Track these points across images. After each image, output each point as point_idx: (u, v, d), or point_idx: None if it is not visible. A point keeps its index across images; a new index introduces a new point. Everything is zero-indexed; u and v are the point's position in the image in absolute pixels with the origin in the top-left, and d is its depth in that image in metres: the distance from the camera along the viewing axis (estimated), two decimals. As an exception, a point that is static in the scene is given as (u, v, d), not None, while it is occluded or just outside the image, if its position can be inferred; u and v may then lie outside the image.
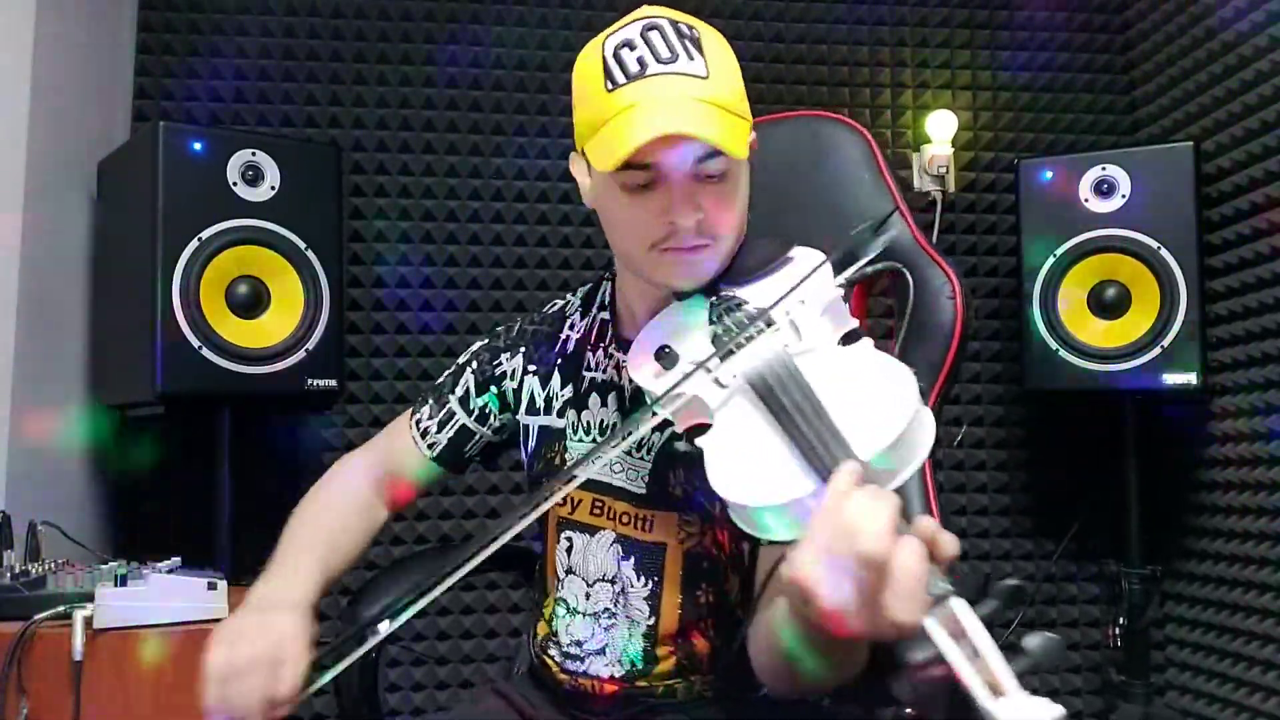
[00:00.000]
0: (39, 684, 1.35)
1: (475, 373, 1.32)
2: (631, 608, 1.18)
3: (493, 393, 1.31)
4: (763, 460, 0.90)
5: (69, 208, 2.06)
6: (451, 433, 1.31)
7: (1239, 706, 2.18)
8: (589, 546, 1.21)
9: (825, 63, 2.60)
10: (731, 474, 0.91)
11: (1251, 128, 2.16)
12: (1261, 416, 2.14)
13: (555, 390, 1.27)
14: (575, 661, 1.21)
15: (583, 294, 1.35)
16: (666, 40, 1.08)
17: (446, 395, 1.33)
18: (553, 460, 1.25)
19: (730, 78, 1.08)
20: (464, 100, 2.47)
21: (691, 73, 1.05)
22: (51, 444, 1.98)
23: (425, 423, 1.32)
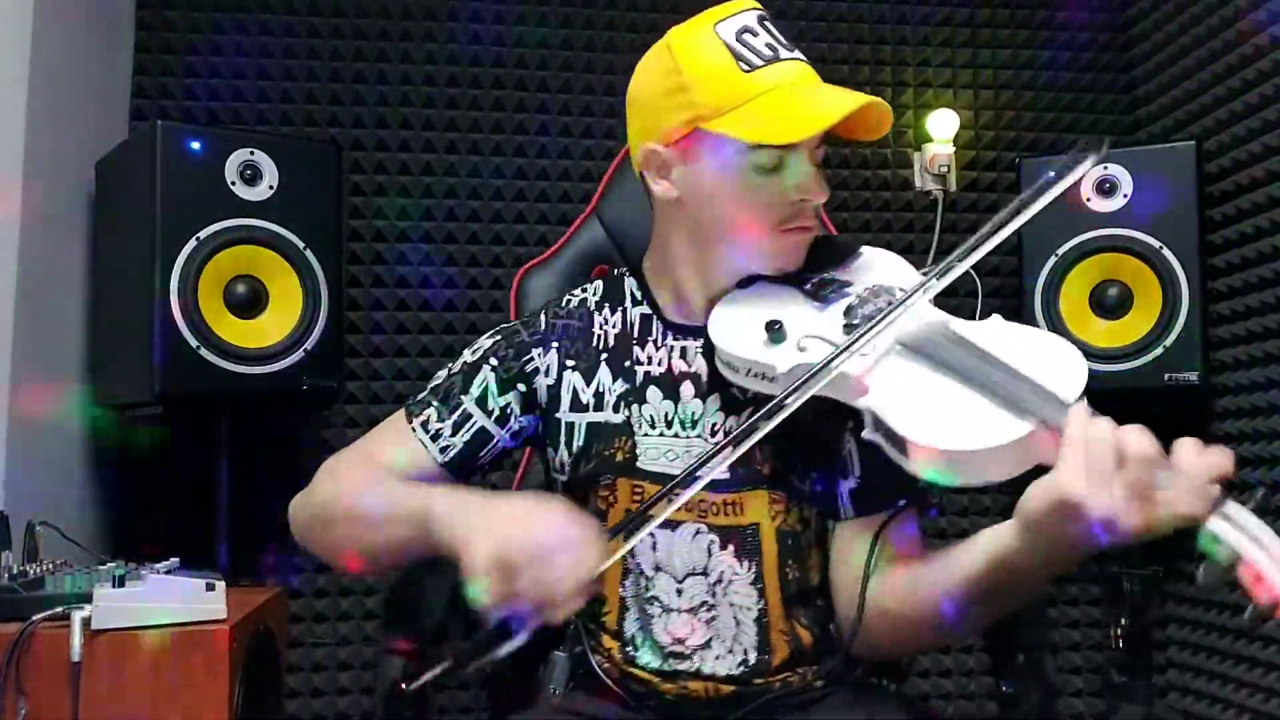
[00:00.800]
0: (37, 685, 1.34)
1: (497, 370, 1.25)
2: (737, 595, 1.17)
3: (518, 391, 1.25)
4: (964, 410, 0.98)
5: (67, 207, 2.05)
6: (468, 435, 1.23)
7: (1240, 707, 2.17)
8: (673, 541, 1.18)
9: (826, 61, 2.60)
10: (942, 426, 0.98)
11: (1254, 126, 2.16)
12: (1264, 416, 2.13)
13: (606, 385, 1.23)
14: (683, 661, 1.17)
15: (599, 289, 1.32)
16: (771, 33, 1.16)
17: (458, 396, 1.25)
18: (613, 457, 1.20)
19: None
20: (464, 99, 2.46)
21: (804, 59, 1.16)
22: (49, 444, 1.97)
23: (434, 425, 1.24)
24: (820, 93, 1.14)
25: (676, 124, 1.15)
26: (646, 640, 1.19)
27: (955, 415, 0.98)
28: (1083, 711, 2.51)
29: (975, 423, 0.96)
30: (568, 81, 2.50)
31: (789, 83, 1.13)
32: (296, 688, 2.31)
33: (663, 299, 1.26)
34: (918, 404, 1.01)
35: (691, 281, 1.22)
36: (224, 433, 2.01)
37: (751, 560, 1.18)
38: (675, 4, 2.53)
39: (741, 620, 1.17)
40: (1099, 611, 2.53)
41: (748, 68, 1.12)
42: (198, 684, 1.38)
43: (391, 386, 2.40)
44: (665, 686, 1.17)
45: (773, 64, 1.13)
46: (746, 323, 1.13)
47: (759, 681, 1.16)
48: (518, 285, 1.65)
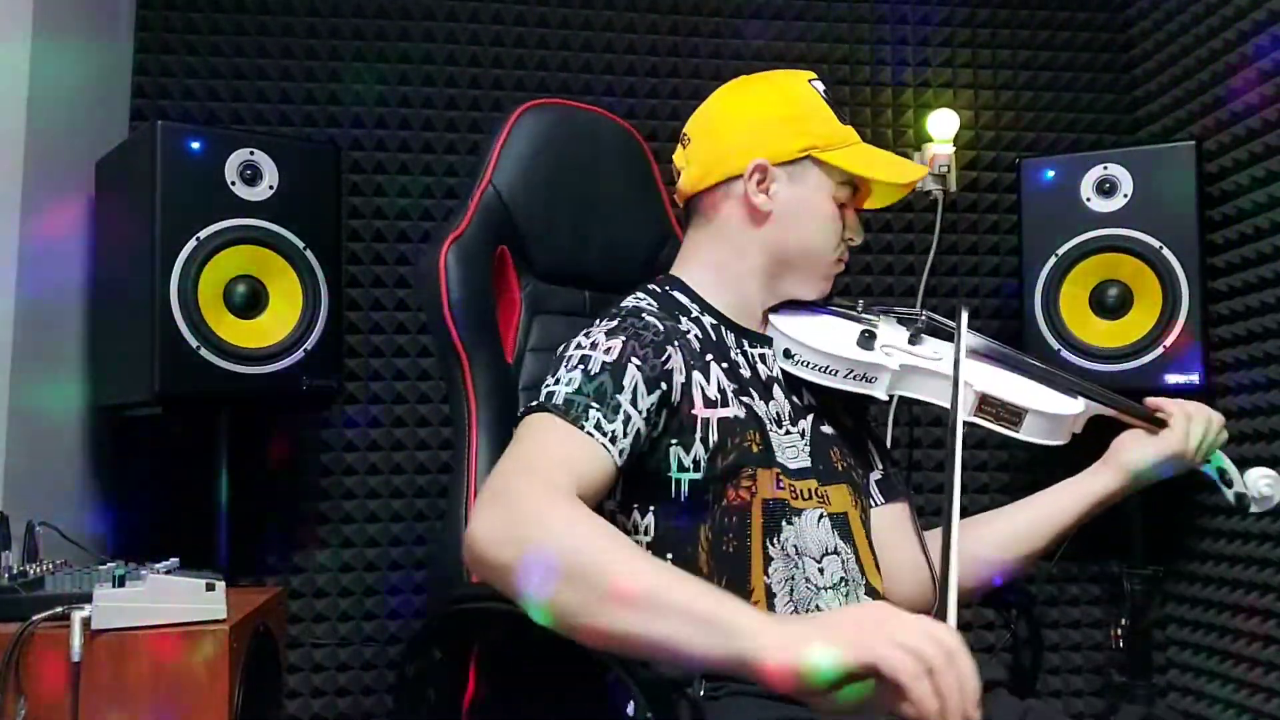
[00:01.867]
0: (37, 685, 1.34)
1: (642, 369, 1.21)
2: (852, 572, 1.29)
3: (661, 390, 1.21)
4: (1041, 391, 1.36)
5: (67, 207, 2.05)
6: (631, 435, 1.16)
7: (1241, 707, 2.17)
8: (802, 527, 1.26)
9: (826, 61, 2.60)
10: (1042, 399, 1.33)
11: (1253, 126, 2.16)
12: (1264, 416, 2.14)
13: (723, 384, 1.28)
14: None
15: (653, 304, 1.32)
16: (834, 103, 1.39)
17: (613, 396, 1.17)
18: (750, 449, 1.25)
19: None
20: (463, 100, 2.46)
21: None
22: (50, 444, 1.97)
23: (607, 426, 1.15)
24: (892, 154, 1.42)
25: (791, 146, 1.33)
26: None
27: (1040, 393, 1.34)
28: (1082, 711, 2.51)
29: (1054, 398, 1.35)
30: (566, 82, 2.50)
31: (863, 141, 1.38)
32: (296, 688, 2.31)
33: (726, 309, 1.37)
34: (1014, 386, 1.33)
35: (759, 295, 1.37)
36: (224, 433, 2.01)
37: (849, 543, 1.30)
38: (674, 4, 2.54)
39: (863, 596, 1.29)
40: (1099, 611, 2.53)
41: (843, 119, 1.37)
42: (198, 684, 1.38)
43: (391, 386, 2.40)
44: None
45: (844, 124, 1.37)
46: (833, 333, 1.34)
47: None
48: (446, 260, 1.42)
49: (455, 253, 1.42)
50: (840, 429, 1.39)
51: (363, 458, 2.37)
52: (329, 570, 2.36)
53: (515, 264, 1.51)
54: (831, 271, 1.38)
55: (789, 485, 1.27)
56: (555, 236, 1.53)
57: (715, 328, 1.34)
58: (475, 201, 1.50)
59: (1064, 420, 1.34)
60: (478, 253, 1.44)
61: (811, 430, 1.34)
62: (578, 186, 1.56)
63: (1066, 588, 2.55)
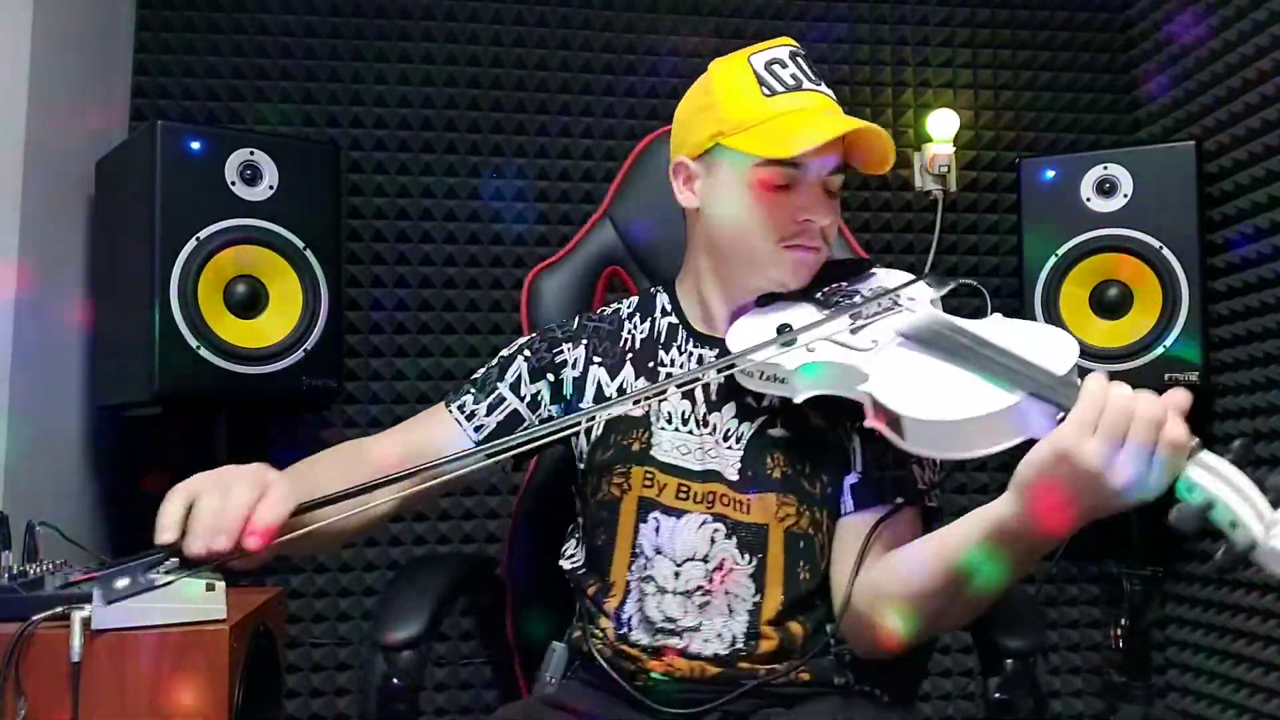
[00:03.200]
0: (37, 685, 1.34)
1: (528, 359, 1.37)
2: (735, 584, 1.22)
3: (548, 380, 1.35)
4: (957, 386, 1.05)
5: (66, 207, 2.05)
6: (501, 417, 1.33)
7: (1240, 708, 2.17)
8: (675, 528, 1.24)
9: (826, 62, 2.60)
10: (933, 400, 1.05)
11: (1253, 127, 2.16)
12: (1264, 416, 2.13)
13: (628, 381, 1.32)
14: (671, 638, 1.21)
15: (634, 303, 1.42)
16: (811, 67, 1.27)
17: (494, 383, 1.35)
18: (629, 447, 1.28)
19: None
20: (463, 100, 2.46)
21: (828, 94, 1.26)
22: (49, 444, 1.97)
23: (470, 406, 1.33)
24: (826, 116, 1.23)
25: (702, 138, 1.27)
26: (640, 619, 1.24)
27: (948, 391, 1.05)
28: (1082, 711, 2.51)
29: (966, 396, 1.03)
30: (567, 82, 2.50)
31: (803, 109, 1.22)
32: (296, 688, 2.31)
33: (690, 312, 1.36)
34: (913, 384, 1.08)
35: (714, 294, 1.33)
36: (224, 433, 2.01)
37: (755, 555, 1.23)
38: (674, 5, 2.54)
39: (735, 609, 1.22)
40: (1099, 611, 2.53)
41: (769, 92, 1.23)
42: (198, 684, 1.38)
43: (391, 386, 2.40)
44: (652, 664, 1.22)
45: (793, 92, 1.23)
46: (759, 330, 1.22)
47: (744, 666, 1.20)
48: (529, 288, 1.67)
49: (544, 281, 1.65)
50: (805, 433, 1.25)
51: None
52: (328, 570, 2.36)
53: (633, 278, 1.67)
54: (783, 258, 1.24)
55: (661, 484, 1.26)
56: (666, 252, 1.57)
57: (673, 328, 1.36)
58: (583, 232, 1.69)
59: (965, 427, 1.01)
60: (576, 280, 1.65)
61: (754, 435, 1.26)
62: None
63: (1066, 588, 2.55)
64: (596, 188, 2.47)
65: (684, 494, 1.26)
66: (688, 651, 1.21)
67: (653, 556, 1.25)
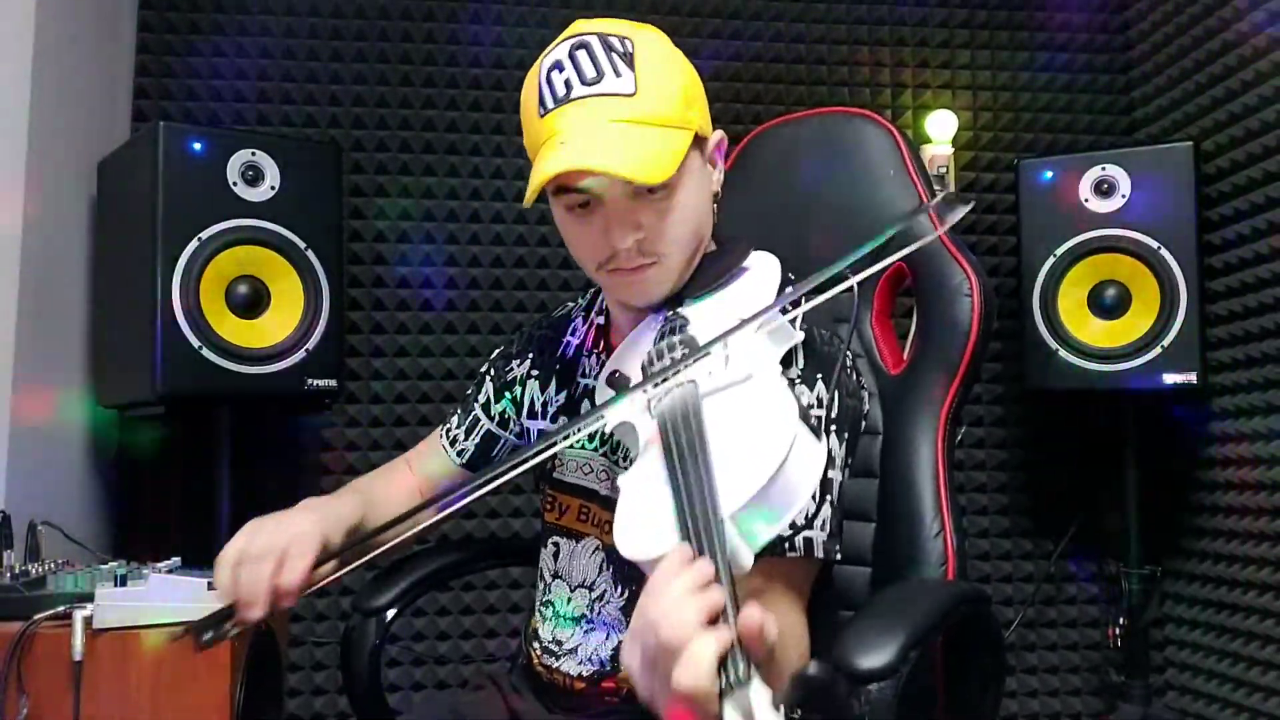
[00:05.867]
0: (39, 684, 1.35)
1: (493, 379, 1.36)
2: (610, 615, 1.18)
3: (508, 398, 1.34)
4: (649, 508, 0.85)
5: (69, 207, 2.05)
6: (478, 439, 1.35)
7: (1239, 707, 2.18)
8: (574, 552, 1.22)
9: (825, 62, 2.60)
10: (621, 518, 0.88)
11: (1251, 128, 2.16)
12: (1262, 416, 2.14)
13: (551, 395, 1.29)
14: (550, 657, 1.23)
15: (587, 296, 1.36)
16: (594, 59, 1.07)
17: (471, 403, 1.36)
18: (546, 464, 1.24)
19: (665, 88, 1.06)
20: (464, 100, 2.47)
21: (616, 91, 1.05)
22: (51, 444, 1.98)
23: (454, 431, 1.36)
24: (566, 145, 1.04)
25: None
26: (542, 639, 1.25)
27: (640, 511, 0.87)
28: (1081, 711, 2.51)
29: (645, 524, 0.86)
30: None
31: (562, 129, 1.06)
32: (298, 686, 2.31)
33: (614, 312, 1.26)
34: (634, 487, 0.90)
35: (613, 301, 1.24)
36: (225, 432, 2.02)
37: (628, 587, 1.17)
38: (674, 5, 2.54)
39: (610, 638, 1.19)
40: (1097, 611, 2.54)
41: (542, 111, 1.09)
42: (199, 683, 1.39)
43: (392, 386, 2.41)
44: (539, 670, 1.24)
45: (561, 106, 1.07)
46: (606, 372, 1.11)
47: (607, 685, 1.19)
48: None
49: None
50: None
51: (364, 457, 2.37)
52: (330, 569, 2.36)
53: None
54: (609, 281, 1.13)
55: (564, 506, 1.23)
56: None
57: (600, 329, 1.28)
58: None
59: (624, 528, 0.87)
60: None
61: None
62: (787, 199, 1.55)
63: (1065, 587, 2.55)
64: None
65: (584, 516, 1.21)
66: (560, 669, 1.21)
67: (551, 581, 1.25)
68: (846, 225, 1.49)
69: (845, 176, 1.50)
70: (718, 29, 2.57)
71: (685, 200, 1.08)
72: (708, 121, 1.13)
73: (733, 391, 0.92)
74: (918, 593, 1.21)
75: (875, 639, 0.98)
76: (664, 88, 1.06)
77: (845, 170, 1.50)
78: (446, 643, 2.38)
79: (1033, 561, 2.55)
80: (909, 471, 1.34)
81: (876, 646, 0.96)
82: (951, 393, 1.34)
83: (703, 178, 1.12)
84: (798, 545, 1.02)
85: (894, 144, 1.47)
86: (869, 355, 1.44)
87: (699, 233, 1.12)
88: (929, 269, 1.41)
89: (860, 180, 1.49)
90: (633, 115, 1.04)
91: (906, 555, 1.30)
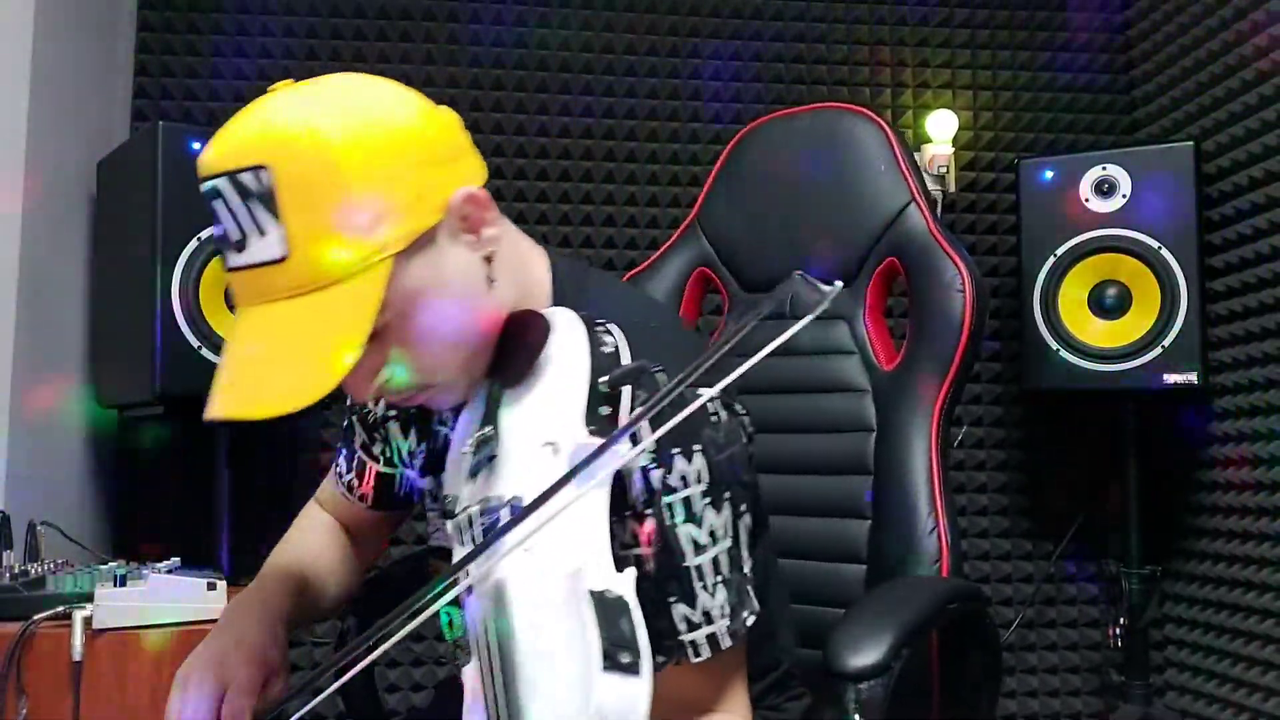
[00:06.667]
0: (38, 684, 1.35)
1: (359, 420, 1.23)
2: None
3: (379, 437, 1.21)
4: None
5: (68, 207, 2.05)
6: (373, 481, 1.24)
7: (1239, 707, 2.18)
8: None
9: (825, 62, 2.60)
10: None
11: (1252, 127, 2.16)
12: (1262, 416, 2.14)
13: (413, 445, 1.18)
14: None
15: None
16: (232, 213, 0.82)
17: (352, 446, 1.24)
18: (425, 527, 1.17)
19: (325, 227, 0.80)
20: (463, 100, 2.47)
21: (264, 259, 0.82)
22: (51, 444, 1.97)
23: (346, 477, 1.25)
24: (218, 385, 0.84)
25: None
26: None
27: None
28: (1081, 710, 2.51)
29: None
30: (567, 83, 2.50)
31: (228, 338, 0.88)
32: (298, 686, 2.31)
33: None
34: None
35: None
36: (225, 433, 2.02)
37: None
38: (673, 5, 2.54)
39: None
40: (1097, 611, 2.54)
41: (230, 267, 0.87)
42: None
43: (392, 386, 2.40)
44: None
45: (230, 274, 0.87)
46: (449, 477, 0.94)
47: None
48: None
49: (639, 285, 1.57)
50: None
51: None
52: (329, 569, 2.36)
53: (721, 279, 1.59)
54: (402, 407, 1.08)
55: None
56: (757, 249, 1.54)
57: None
58: (676, 236, 1.62)
59: None
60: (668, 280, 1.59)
61: None
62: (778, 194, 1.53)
63: (1065, 587, 2.55)
64: (596, 189, 2.49)
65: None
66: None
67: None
68: (837, 221, 1.49)
69: (836, 172, 1.49)
70: (718, 29, 2.57)
71: (424, 323, 0.87)
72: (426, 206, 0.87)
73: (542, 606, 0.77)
74: (908, 590, 1.21)
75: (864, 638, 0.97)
76: (322, 225, 0.80)
77: (836, 166, 1.50)
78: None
79: (1033, 562, 2.55)
80: (902, 468, 1.33)
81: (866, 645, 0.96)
82: (944, 388, 1.33)
83: (445, 271, 0.88)
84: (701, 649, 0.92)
85: (885, 139, 1.47)
86: (862, 352, 1.43)
87: (463, 332, 0.90)
88: (921, 265, 1.40)
89: (851, 176, 1.48)
90: (288, 287, 0.81)
91: (901, 552, 1.29)
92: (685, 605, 0.91)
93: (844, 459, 1.35)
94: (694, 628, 0.92)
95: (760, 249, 1.52)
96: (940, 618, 1.15)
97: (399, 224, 0.83)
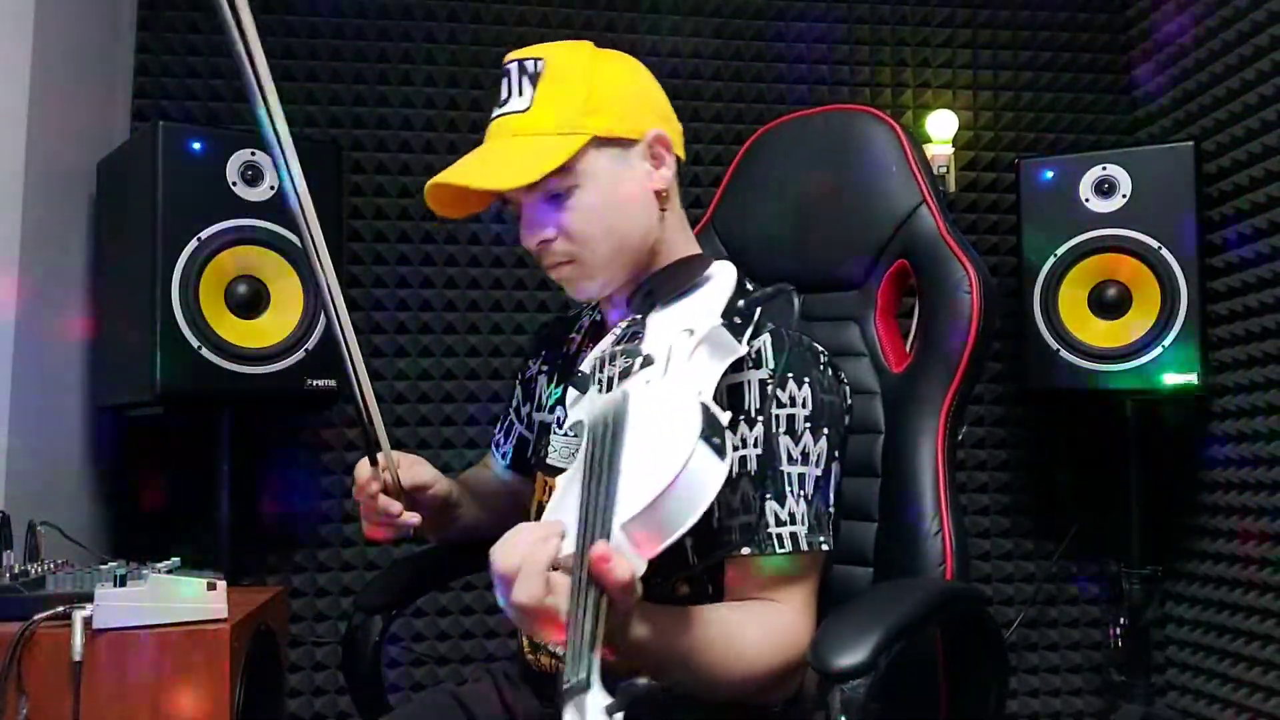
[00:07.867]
0: (38, 684, 1.35)
1: (520, 382, 1.42)
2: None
3: (530, 394, 1.39)
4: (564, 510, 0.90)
5: (68, 207, 2.05)
6: (514, 440, 1.41)
7: (1239, 706, 2.18)
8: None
9: (826, 62, 2.60)
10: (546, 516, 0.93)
11: (1252, 127, 2.16)
12: (1262, 416, 2.14)
13: (553, 389, 1.33)
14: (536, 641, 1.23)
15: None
16: (509, 83, 1.17)
17: (508, 406, 1.44)
18: (540, 453, 1.27)
19: (560, 99, 1.13)
20: (464, 99, 2.47)
21: (514, 109, 1.15)
22: (51, 444, 1.97)
23: (496, 435, 1.45)
24: (470, 158, 1.16)
25: None
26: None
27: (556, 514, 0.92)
28: (1082, 710, 2.52)
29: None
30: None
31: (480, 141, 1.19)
32: (298, 686, 2.31)
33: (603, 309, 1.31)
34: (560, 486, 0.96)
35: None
36: (225, 433, 2.02)
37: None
38: (674, 5, 2.54)
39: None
40: (1098, 611, 2.54)
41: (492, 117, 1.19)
42: (199, 683, 1.38)
43: (392, 386, 2.41)
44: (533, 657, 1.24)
45: (493, 117, 1.18)
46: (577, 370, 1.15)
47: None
48: None
49: None
50: None
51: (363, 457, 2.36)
52: (330, 569, 2.37)
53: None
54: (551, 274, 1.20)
55: (549, 488, 1.22)
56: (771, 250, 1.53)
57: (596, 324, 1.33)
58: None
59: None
60: None
61: None
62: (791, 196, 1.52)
63: (1065, 587, 2.55)
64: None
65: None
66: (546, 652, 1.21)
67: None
68: (849, 222, 1.48)
69: (849, 174, 1.49)
70: (718, 29, 2.57)
71: (590, 200, 1.13)
72: (630, 123, 1.15)
73: (656, 404, 0.96)
74: (900, 591, 1.20)
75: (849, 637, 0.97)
76: (559, 99, 1.13)
77: (849, 168, 1.49)
78: (446, 643, 2.38)
79: (1034, 561, 2.55)
80: (910, 470, 1.32)
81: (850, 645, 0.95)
82: (952, 390, 1.33)
83: (624, 176, 1.15)
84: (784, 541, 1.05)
85: (897, 140, 1.46)
86: (872, 354, 1.43)
87: (619, 230, 1.16)
88: (929, 266, 1.40)
89: (864, 178, 1.48)
90: (521, 129, 1.14)
91: (906, 555, 1.28)
92: (775, 503, 1.06)
93: (852, 461, 1.34)
94: (780, 524, 1.06)
95: (774, 250, 1.52)
96: (934, 619, 1.15)
97: (604, 121, 1.13)
